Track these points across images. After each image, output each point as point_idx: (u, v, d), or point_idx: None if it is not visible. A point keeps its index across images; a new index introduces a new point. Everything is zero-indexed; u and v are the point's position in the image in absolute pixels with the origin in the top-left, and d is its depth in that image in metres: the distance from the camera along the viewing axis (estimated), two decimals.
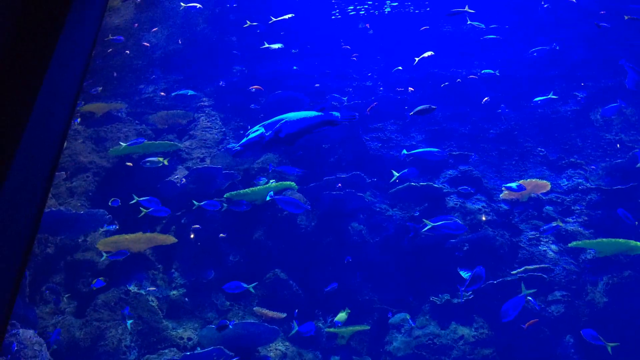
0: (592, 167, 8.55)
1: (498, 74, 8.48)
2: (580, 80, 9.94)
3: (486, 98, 9.26)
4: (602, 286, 7.17)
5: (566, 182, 8.62)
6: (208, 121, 9.55)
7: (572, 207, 8.17)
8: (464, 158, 9.15)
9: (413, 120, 10.10)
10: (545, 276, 7.27)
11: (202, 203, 7.21)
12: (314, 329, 6.33)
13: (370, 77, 10.71)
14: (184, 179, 8.07)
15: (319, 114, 5.43)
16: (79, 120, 8.62)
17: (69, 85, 1.15)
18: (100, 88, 8.98)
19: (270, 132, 5.37)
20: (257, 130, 5.50)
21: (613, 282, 7.15)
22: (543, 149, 9.43)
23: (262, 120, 6.57)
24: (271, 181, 7.99)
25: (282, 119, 5.46)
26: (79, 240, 7.42)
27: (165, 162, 7.66)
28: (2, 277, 0.98)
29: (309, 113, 5.48)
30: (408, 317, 7.41)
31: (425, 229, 6.78)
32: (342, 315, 7.18)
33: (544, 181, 8.18)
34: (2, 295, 0.99)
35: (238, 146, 5.50)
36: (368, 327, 7.53)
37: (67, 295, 7.01)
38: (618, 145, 8.88)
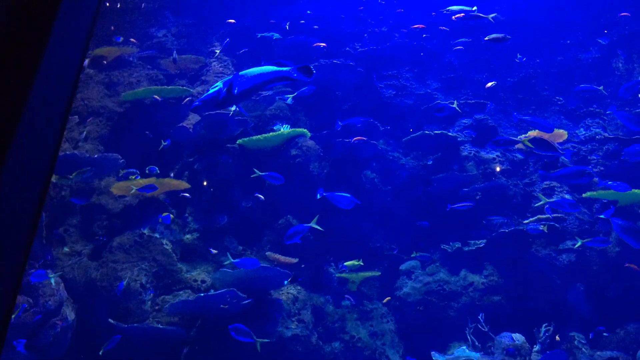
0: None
1: (492, 19, 8.13)
2: (604, 27, 9.61)
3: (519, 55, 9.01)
4: (615, 236, 7.14)
5: (584, 132, 8.47)
6: (220, 66, 9.42)
7: (589, 157, 8.06)
8: (480, 107, 8.99)
9: (428, 67, 9.89)
10: (557, 225, 7.26)
11: (264, 173, 6.95)
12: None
13: (386, 22, 10.42)
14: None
15: (277, 69, 5.47)
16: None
17: (81, 29, 1.13)
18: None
19: (225, 88, 5.46)
20: (216, 86, 5.63)
21: None
22: (562, 98, 9.23)
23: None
24: (285, 126, 7.93)
25: (242, 75, 5.53)
26: (94, 184, 7.49)
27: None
28: (20, 217, 0.98)
29: (267, 68, 5.52)
30: (416, 254, 7.50)
31: (539, 203, 6.76)
32: (353, 263, 7.26)
33: (561, 130, 8.05)
34: (20, 236, 0.99)
35: (197, 102, 5.65)
36: (379, 273, 7.62)
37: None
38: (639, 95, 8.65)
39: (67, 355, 6.15)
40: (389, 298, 7.51)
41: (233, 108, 7.57)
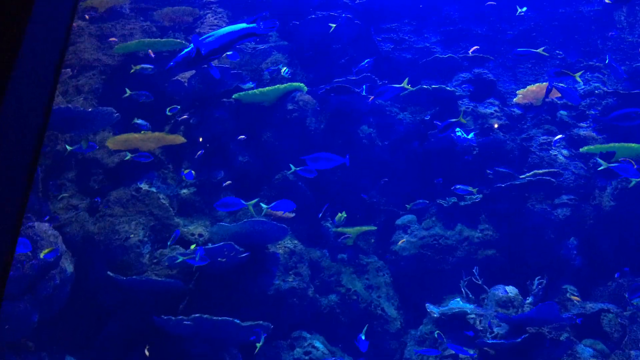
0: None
1: None
2: None
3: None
4: (611, 190, 7.18)
5: (583, 86, 8.39)
6: (215, 19, 9.21)
7: (587, 112, 8.01)
8: (479, 61, 8.86)
9: (427, 19, 9.69)
10: (553, 180, 7.27)
11: (299, 168, 6.60)
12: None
13: None
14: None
15: (244, 26, 5.68)
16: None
17: None
18: None
19: (195, 48, 5.69)
20: (189, 47, 5.87)
21: (622, 187, 7.15)
22: (561, 52, 9.10)
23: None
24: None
25: (211, 35, 5.76)
26: (89, 138, 7.42)
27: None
28: (15, 170, 0.97)
29: (235, 27, 5.74)
30: (410, 206, 7.48)
31: (601, 167, 6.41)
32: (340, 216, 7.29)
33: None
34: (16, 189, 0.98)
35: (171, 62, 5.86)
36: (375, 228, 7.68)
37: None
38: None
39: (67, 307, 6.24)
40: (404, 240, 7.52)
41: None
